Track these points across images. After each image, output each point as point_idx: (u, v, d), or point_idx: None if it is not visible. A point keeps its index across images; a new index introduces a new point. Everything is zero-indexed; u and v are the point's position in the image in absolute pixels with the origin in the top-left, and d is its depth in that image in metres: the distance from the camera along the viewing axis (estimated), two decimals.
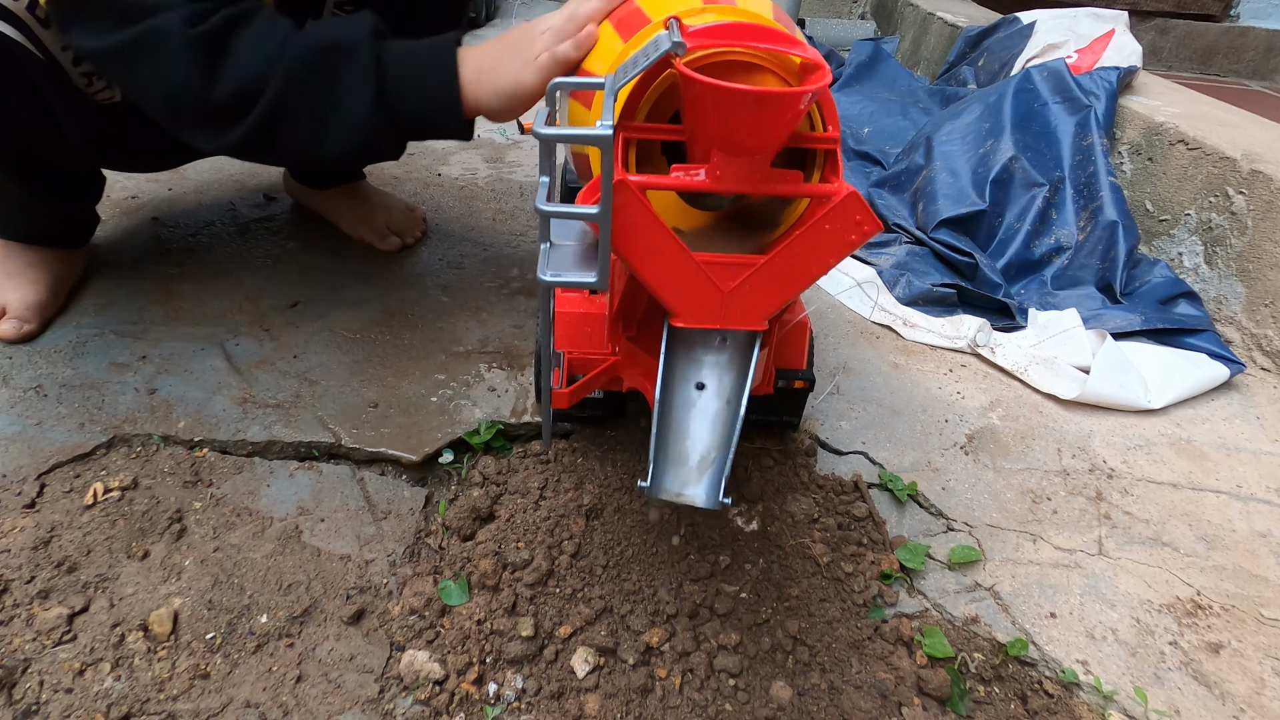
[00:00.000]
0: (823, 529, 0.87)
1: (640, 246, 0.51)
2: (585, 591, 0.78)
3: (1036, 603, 0.79)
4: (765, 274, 0.53)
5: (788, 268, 0.53)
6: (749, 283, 0.54)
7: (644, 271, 0.52)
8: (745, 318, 0.55)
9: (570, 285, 0.53)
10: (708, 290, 0.53)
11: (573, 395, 0.68)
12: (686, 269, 0.53)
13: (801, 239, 0.52)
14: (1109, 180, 1.29)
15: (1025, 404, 1.06)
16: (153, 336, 0.98)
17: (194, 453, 0.86)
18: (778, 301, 0.55)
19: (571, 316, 0.77)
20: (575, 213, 0.49)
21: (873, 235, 0.51)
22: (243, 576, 0.75)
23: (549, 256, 0.54)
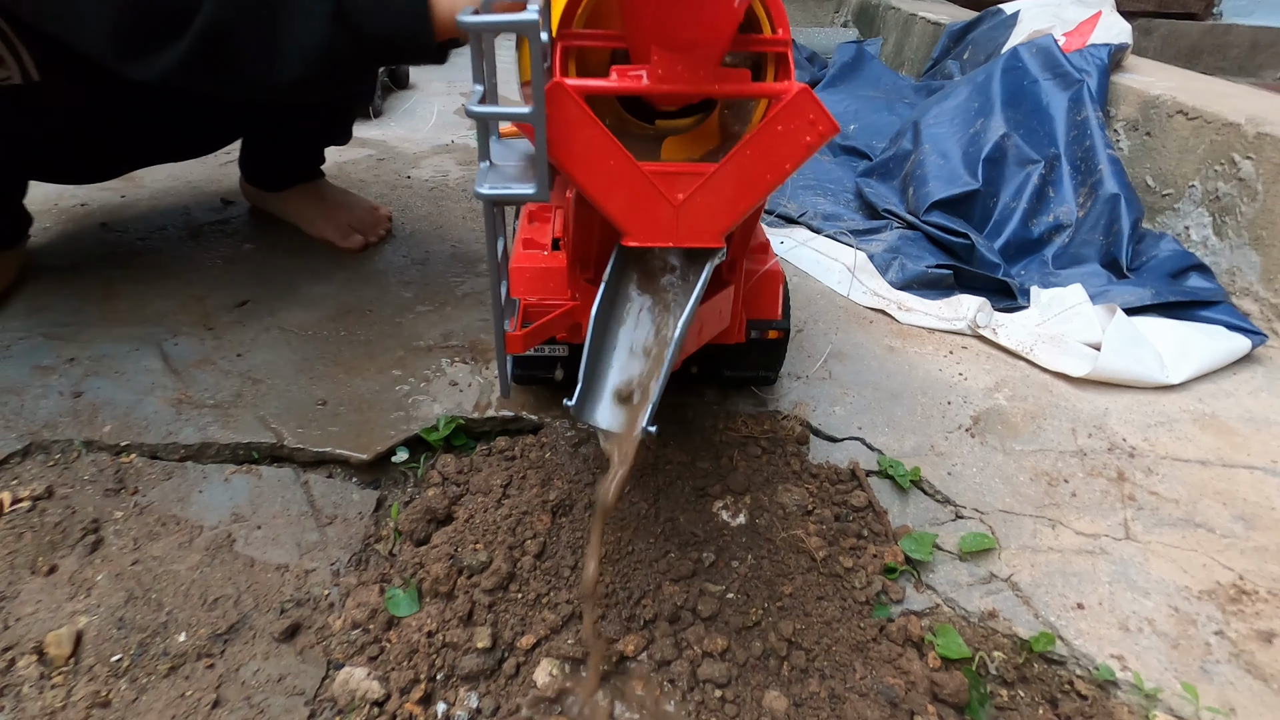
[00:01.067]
0: (818, 521, 0.78)
1: (581, 156, 0.46)
2: (551, 596, 0.69)
3: (1061, 593, 0.71)
4: (718, 183, 0.48)
5: (741, 175, 0.48)
6: (701, 194, 0.49)
7: (587, 184, 0.47)
8: (699, 233, 0.50)
9: (509, 200, 0.48)
10: (657, 203, 0.49)
11: (528, 338, 0.63)
12: (633, 180, 0.48)
13: (754, 142, 0.47)
14: (1107, 153, 1.22)
15: (1033, 383, 0.98)
16: (84, 338, 0.90)
17: (119, 459, 0.77)
18: (733, 213, 0.50)
19: (530, 272, 0.72)
20: (508, 113, 0.44)
21: (829, 137, 0.47)
22: (162, 591, 0.67)
23: (488, 175, 0.49)
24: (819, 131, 0.47)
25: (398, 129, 1.76)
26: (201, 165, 1.44)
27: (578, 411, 0.54)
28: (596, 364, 0.56)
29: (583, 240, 0.62)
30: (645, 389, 0.55)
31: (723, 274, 0.68)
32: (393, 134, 1.72)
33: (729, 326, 0.71)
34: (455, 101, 2.00)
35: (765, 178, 0.48)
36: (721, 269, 0.67)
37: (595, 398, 0.56)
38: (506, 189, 0.48)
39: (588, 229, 0.61)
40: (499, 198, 0.48)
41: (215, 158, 1.47)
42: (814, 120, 0.46)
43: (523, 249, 0.75)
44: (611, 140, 0.46)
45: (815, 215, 1.37)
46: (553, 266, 0.72)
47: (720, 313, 0.68)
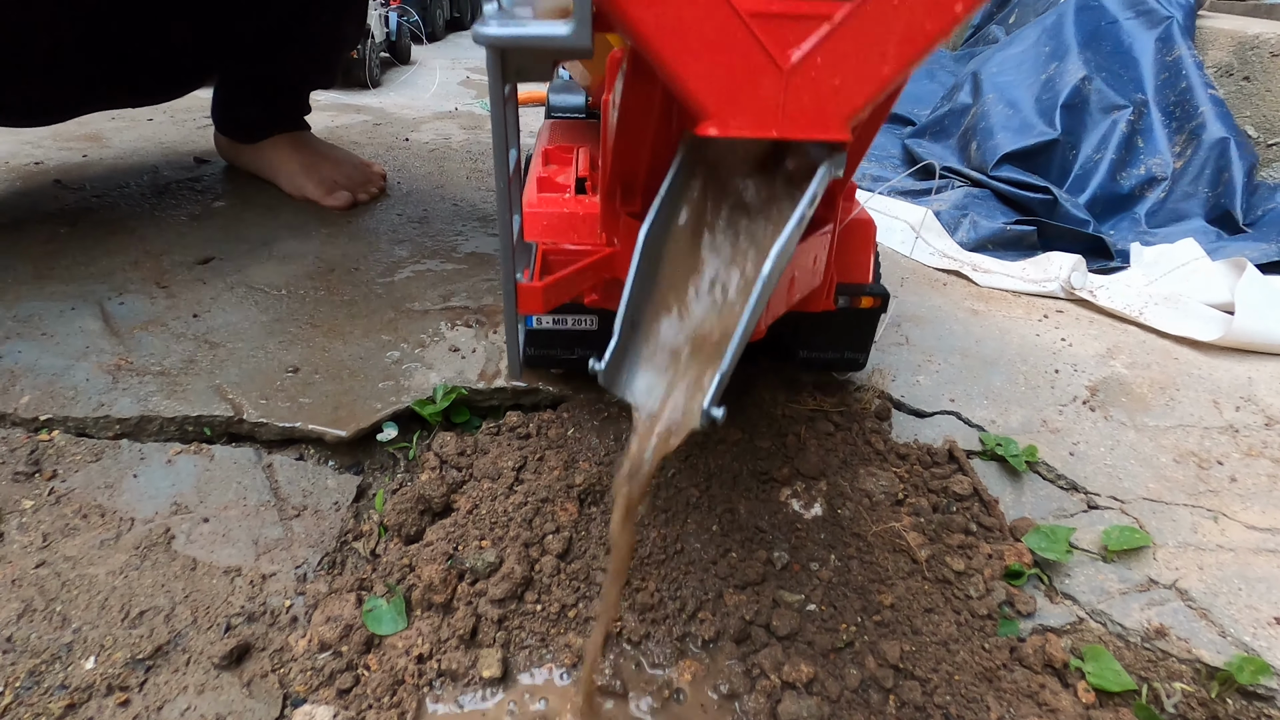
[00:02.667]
0: (913, 512, 0.62)
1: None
2: (579, 608, 0.52)
3: (1248, 604, 0.54)
4: (853, 32, 0.31)
5: (887, 20, 0.31)
6: (825, 49, 0.31)
7: (646, 28, 0.30)
8: (818, 116, 0.32)
9: (530, 44, 0.31)
10: (757, 65, 0.31)
11: (549, 292, 0.44)
12: (721, 25, 0.30)
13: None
14: (1209, 94, 1.06)
15: (1154, 349, 0.81)
16: (10, 297, 0.75)
17: (37, 435, 0.62)
18: (870, 87, 0.32)
19: (548, 217, 0.55)
20: None
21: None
22: (71, 602, 0.51)
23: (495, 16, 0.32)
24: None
25: (397, 98, 1.61)
26: (177, 128, 1.29)
27: (608, 380, 0.38)
28: (641, 314, 0.39)
29: (630, 149, 0.45)
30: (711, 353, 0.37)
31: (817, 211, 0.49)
32: (391, 102, 1.58)
33: (817, 289, 0.54)
34: (458, 74, 1.86)
35: (923, 25, 0.31)
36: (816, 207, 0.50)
37: (635, 362, 0.39)
38: (524, 28, 0.32)
39: (639, 126, 0.43)
40: (514, 41, 0.32)
41: (192, 120, 1.33)
42: None
43: (538, 191, 0.59)
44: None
45: (863, 178, 1.22)
46: (578, 211, 0.55)
47: (815, 262, 0.51)
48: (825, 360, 0.68)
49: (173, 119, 1.34)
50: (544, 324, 0.62)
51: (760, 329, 0.44)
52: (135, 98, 0.96)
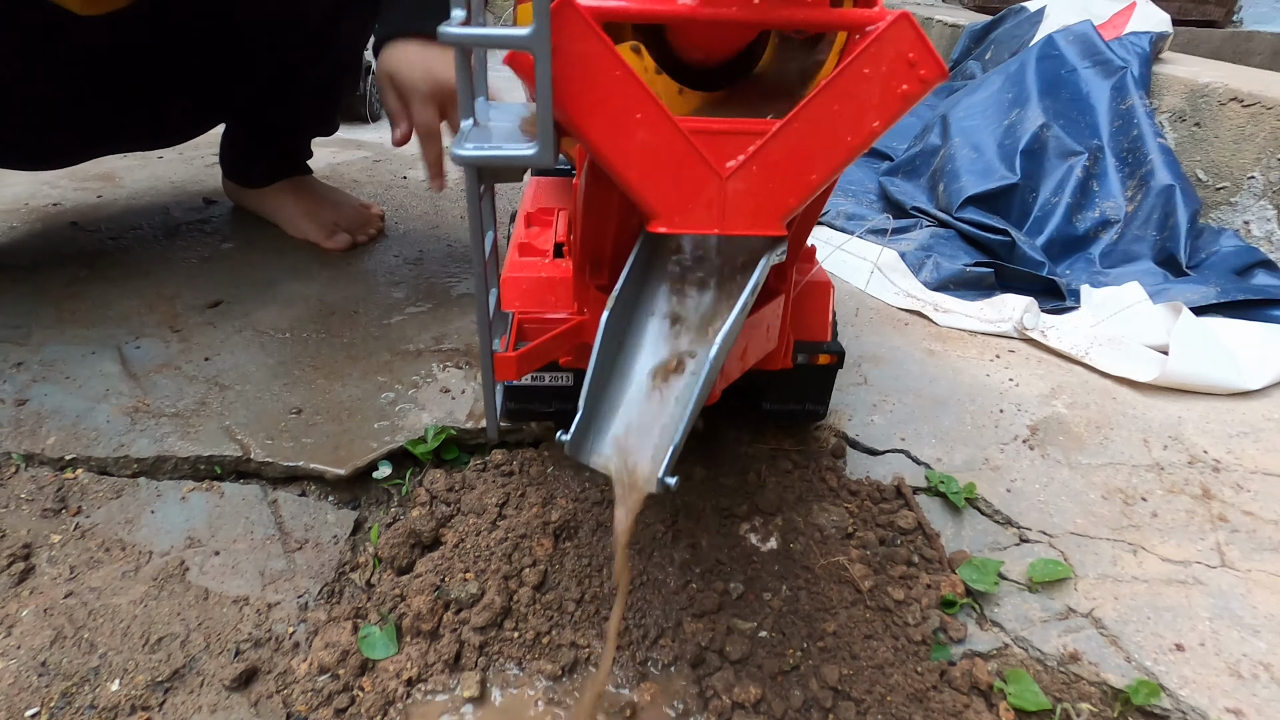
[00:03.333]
0: (860, 545, 0.68)
1: (597, 106, 0.34)
2: (552, 635, 0.58)
3: (1154, 631, 0.60)
4: (781, 146, 0.36)
5: (812, 135, 0.36)
6: (758, 160, 0.36)
7: (603, 146, 0.36)
8: (754, 215, 0.38)
9: (500, 162, 0.36)
10: (699, 174, 0.36)
11: (523, 361, 0.49)
12: (667, 140, 0.36)
13: (830, 92, 0.35)
14: (1158, 142, 1.13)
15: (1093, 389, 0.87)
16: (36, 340, 0.81)
17: (63, 474, 0.68)
18: (800, 191, 0.37)
19: (526, 282, 0.60)
20: (497, 36, 0.32)
21: (932, 85, 0.35)
22: (97, 629, 0.57)
23: (471, 134, 0.37)
24: (920, 76, 0.35)
25: None
26: (186, 166, 1.36)
27: (573, 449, 0.42)
28: (603, 388, 0.43)
29: (595, 233, 0.50)
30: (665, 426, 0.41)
31: (769, 281, 0.54)
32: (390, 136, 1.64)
33: (774, 349, 0.59)
34: None
35: (845, 139, 0.36)
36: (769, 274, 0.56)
37: (599, 432, 0.43)
38: (496, 149, 0.36)
39: (602, 216, 0.48)
40: (486, 160, 0.36)
41: (201, 159, 1.40)
42: (915, 61, 0.34)
43: (518, 255, 0.64)
44: (638, 83, 0.34)
45: (838, 216, 1.28)
46: (554, 276, 0.60)
47: (768, 330, 0.56)
48: (788, 411, 0.73)
49: (182, 156, 1.40)
50: (523, 381, 0.67)
51: (715, 394, 0.48)
52: (144, 145, 1.03)
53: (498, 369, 0.48)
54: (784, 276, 0.56)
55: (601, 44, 0.33)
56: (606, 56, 0.33)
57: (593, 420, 0.43)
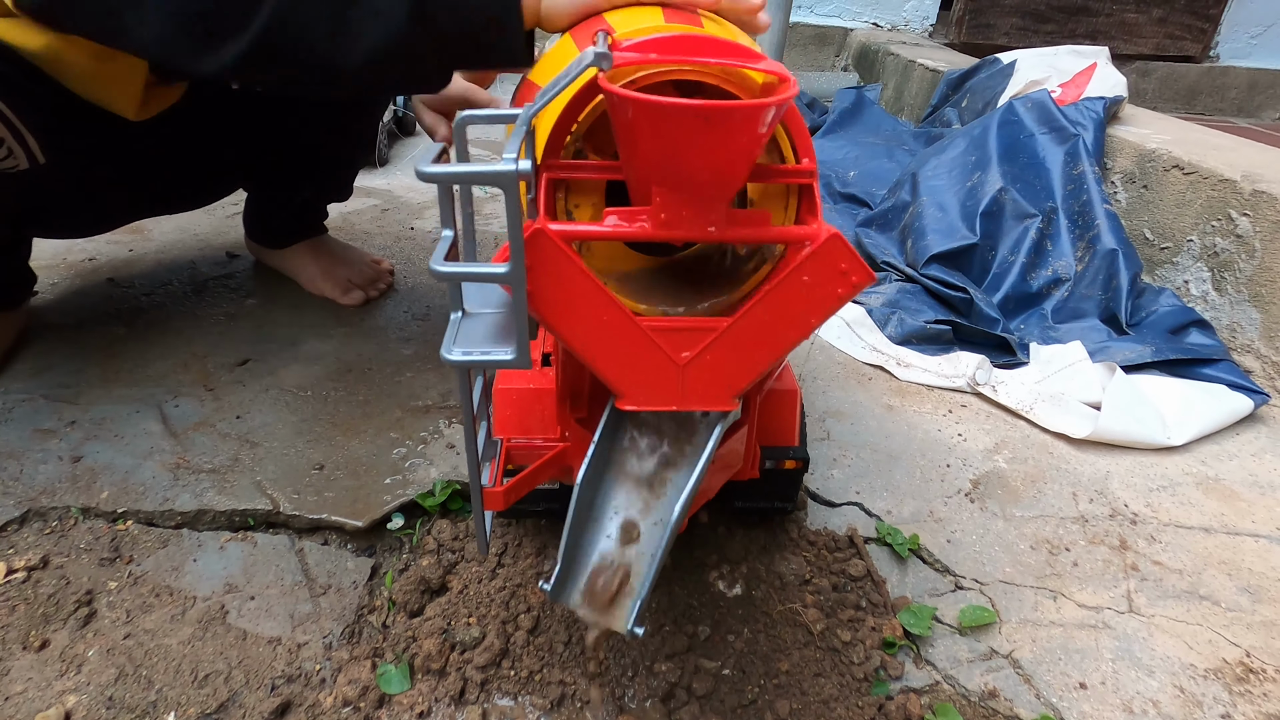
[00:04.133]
0: (815, 591, 0.77)
1: (569, 312, 0.41)
2: (543, 674, 0.68)
3: (1063, 671, 0.69)
4: (731, 340, 0.43)
5: (759, 331, 0.42)
6: (711, 352, 0.43)
7: (576, 343, 0.43)
8: (708, 395, 0.44)
9: (483, 366, 0.42)
10: (659, 363, 0.43)
11: (510, 494, 0.55)
12: (630, 337, 0.42)
13: (775, 295, 0.41)
14: (1104, 208, 1.23)
15: (1033, 444, 0.97)
16: (85, 400, 0.91)
17: (115, 526, 0.78)
18: (747, 374, 0.44)
19: (516, 394, 0.65)
20: (480, 273, 0.38)
21: (863, 287, 0.41)
22: (153, 667, 0.66)
23: (459, 329, 0.43)
24: (852, 283, 0.40)
25: (403, 177, 1.78)
26: (208, 217, 1.46)
27: (555, 595, 0.48)
28: (580, 539, 0.49)
29: (572, 377, 0.57)
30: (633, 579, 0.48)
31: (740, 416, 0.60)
32: (398, 183, 1.75)
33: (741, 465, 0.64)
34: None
35: (787, 334, 0.42)
36: None
37: (576, 578, 0.49)
38: (476, 355, 0.41)
39: (578, 369, 0.55)
40: (469, 364, 0.41)
41: (222, 209, 1.50)
42: (846, 270, 0.40)
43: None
44: (603, 292, 0.40)
45: None
46: (542, 388, 0.65)
47: (734, 454, 0.61)
48: (758, 509, 0.80)
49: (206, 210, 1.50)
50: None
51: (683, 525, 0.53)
52: (174, 210, 1.14)
53: (486, 502, 0.54)
54: (749, 409, 0.61)
55: (571, 264, 0.40)
56: (576, 273, 0.40)
57: (570, 569, 0.50)
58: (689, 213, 0.40)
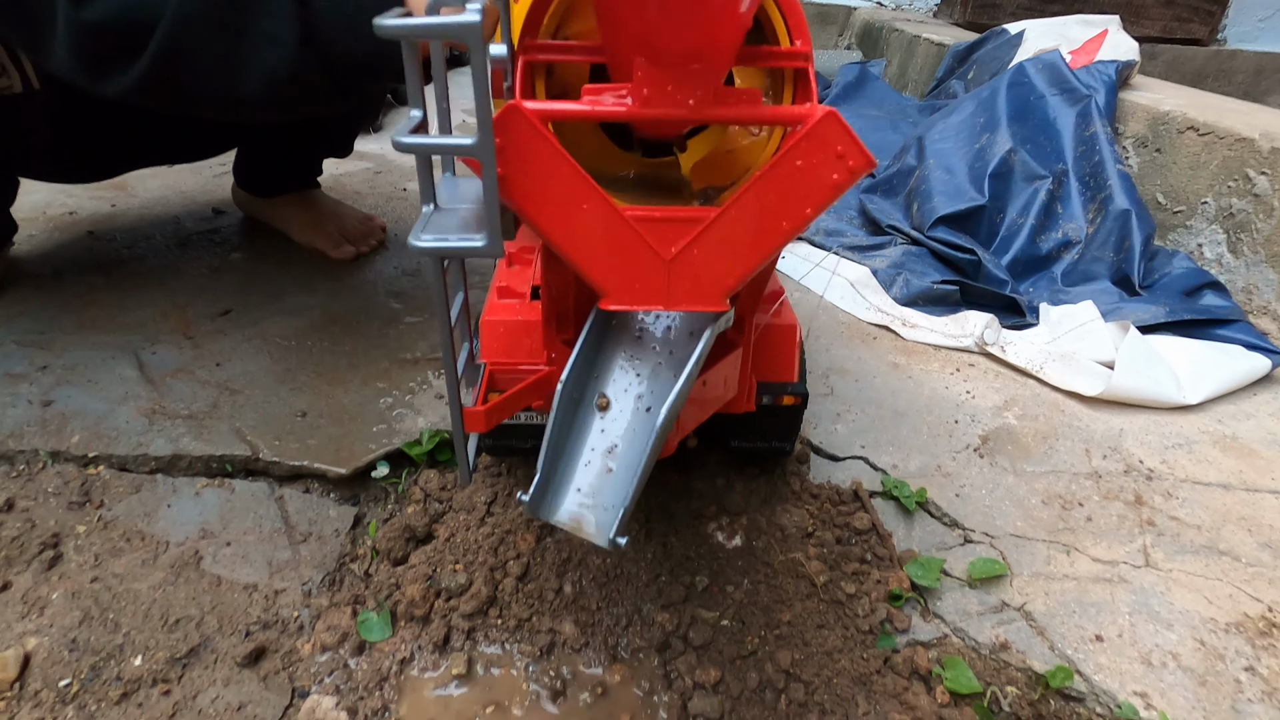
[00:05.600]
0: (818, 544, 0.74)
1: (546, 200, 0.38)
2: (533, 622, 0.65)
3: (1078, 624, 0.66)
4: (720, 232, 0.39)
5: (750, 222, 0.39)
6: (699, 245, 0.40)
7: (554, 235, 0.39)
8: (697, 293, 0.41)
9: (452, 253, 0.38)
10: (643, 257, 0.40)
11: (492, 414, 0.50)
12: (612, 229, 0.39)
13: (766, 181, 0.38)
14: (1117, 169, 1.20)
15: (1044, 402, 0.94)
16: (58, 346, 0.87)
17: (86, 470, 0.74)
18: (739, 270, 0.41)
19: (504, 326, 0.62)
20: (446, 144, 0.35)
21: (861, 173, 0.38)
22: (120, 611, 0.63)
23: (430, 221, 0.40)
24: (849, 167, 0.37)
25: None
26: (195, 176, 1.42)
27: (533, 508, 0.45)
28: (561, 451, 0.46)
29: (557, 293, 0.53)
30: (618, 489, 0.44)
31: (727, 333, 0.57)
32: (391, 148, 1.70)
33: (736, 395, 0.60)
34: (455, 117, 1.99)
35: (780, 225, 0.39)
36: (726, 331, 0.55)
37: (557, 492, 0.46)
38: (445, 241, 0.38)
39: (562, 280, 0.52)
40: (438, 251, 0.38)
41: (210, 169, 1.46)
42: (843, 153, 0.37)
43: (497, 298, 0.66)
44: (583, 178, 0.37)
45: (817, 231, 1.35)
46: (530, 320, 0.62)
47: (726, 381, 0.57)
48: (754, 449, 0.75)
49: (191, 168, 1.46)
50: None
51: (672, 447, 0.50)
52: (172, 161, 1.09)
53: (467, 422, 0.49)
54: (742, 330, 0.57)
55: (547, 144, 0.36)
56: (553, 155, 0.37)
57: (550, 481, 0.45)
58: (673, 89, 0.36)
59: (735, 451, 0.77)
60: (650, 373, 0.48)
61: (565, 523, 0.45)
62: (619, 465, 0.46)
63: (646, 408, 0.48)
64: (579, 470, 0.46)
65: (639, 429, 0.46)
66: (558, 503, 0.45)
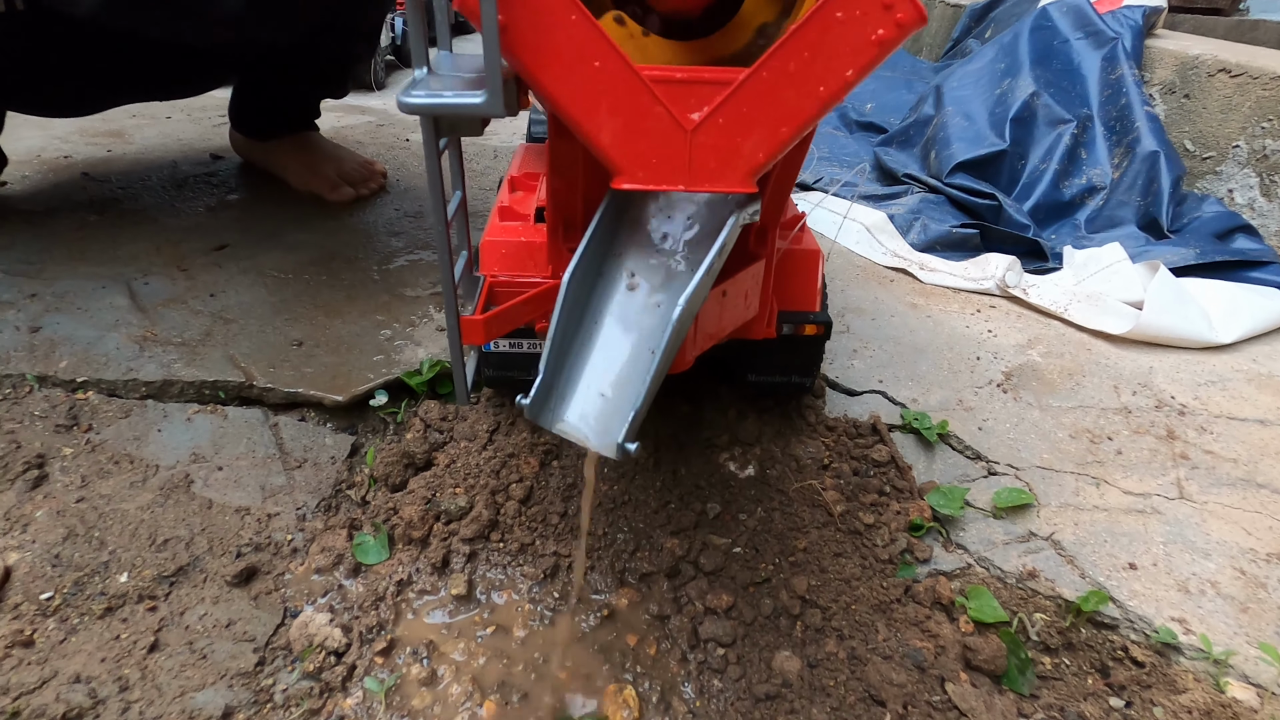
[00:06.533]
0: (835, 475, 0.71)
1: (553, 56, 0.33)
2: (536, 545, 0.62)
3: (1110, 553, 0.63)
4: (749, 96, 0.34)
5: (783, 84, 0.34)
6: (725, 112, 0.34)
7: (562, 98, 0.34)
8: (721, 171, 0.35)
9: (445, 111, 0.35)
10: (662, 126, 0.34)
11: (491, 325, 0.47)
12: (627, 91, 0.34)
13: (801, 37, 0.33)
14: (1145, 110, 1.15)
15: (1070, 341, 0.90)
16: (48, 275, 0.85)
17: (75, 395, 0.71)
18: (770, 144, 0.35)
19: (506, 245, 0.59)
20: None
21: (910, 29, 0.32)
22: (106, 530, 0.60)
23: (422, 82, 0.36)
24: (896, 20, 0.32)
25: None
26: (194, 124, 1.39)
27: (534, 414, 0.40)
28: (565, 353, 0.42)
29: (563, 194, 0.49)
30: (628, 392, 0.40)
31: (749, 244, 0.52)
32: (394, 104, 1.67)
33: (756, 317, 0.55)
34: None
35: (817, 89, 0.34)
36: (749, 236, 0.52)
37: (560, 397, 0.41)
38: (439, 97, 0.34)
39: (569, 173, 0.46)
40: (430, 109, 0.34)
41: (208, 117, 1.43)
42: (890, 3, 0.32)
43: (499, 220, 0.63)
44: (595, 29, 0.32)
45: (831, 182, 1.31)
46: (533, 241, 0.58)
47: (745, 297, 0.53)
48: (773, 384, 0.71)
49: (190, 116, 1.43)
50: (500, 347, 0.65)
51: (687, 360, 0.47)
52: (159, 95, 1.06)
53: (465, 332, 0.45)
54: (765, 241, 0.53)
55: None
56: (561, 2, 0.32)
57: (554, 385, 0.41)
58: None
59: (754, 386, 0.72)
60: (665, 274, 0.43)
61: (569, 431, 0.41)
62: (630, 368, 0.42)
63: (658, 304, 0.44)
64: (585, 375, 0.42)
65: (652, 330, 0.42)
66: (561, 409, 0.41)
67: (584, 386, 0.42)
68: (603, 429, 0.40)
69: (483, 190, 1.20)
